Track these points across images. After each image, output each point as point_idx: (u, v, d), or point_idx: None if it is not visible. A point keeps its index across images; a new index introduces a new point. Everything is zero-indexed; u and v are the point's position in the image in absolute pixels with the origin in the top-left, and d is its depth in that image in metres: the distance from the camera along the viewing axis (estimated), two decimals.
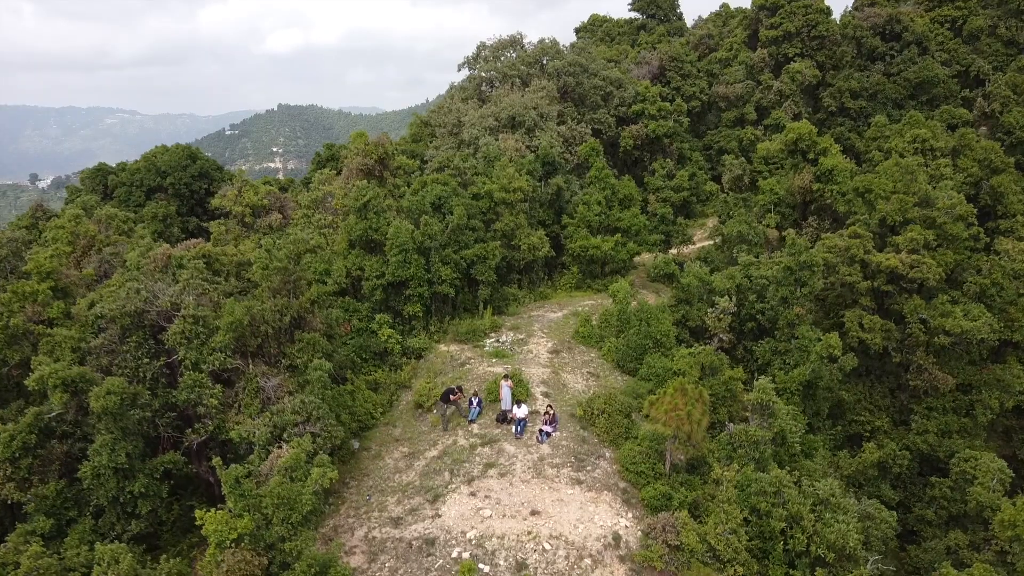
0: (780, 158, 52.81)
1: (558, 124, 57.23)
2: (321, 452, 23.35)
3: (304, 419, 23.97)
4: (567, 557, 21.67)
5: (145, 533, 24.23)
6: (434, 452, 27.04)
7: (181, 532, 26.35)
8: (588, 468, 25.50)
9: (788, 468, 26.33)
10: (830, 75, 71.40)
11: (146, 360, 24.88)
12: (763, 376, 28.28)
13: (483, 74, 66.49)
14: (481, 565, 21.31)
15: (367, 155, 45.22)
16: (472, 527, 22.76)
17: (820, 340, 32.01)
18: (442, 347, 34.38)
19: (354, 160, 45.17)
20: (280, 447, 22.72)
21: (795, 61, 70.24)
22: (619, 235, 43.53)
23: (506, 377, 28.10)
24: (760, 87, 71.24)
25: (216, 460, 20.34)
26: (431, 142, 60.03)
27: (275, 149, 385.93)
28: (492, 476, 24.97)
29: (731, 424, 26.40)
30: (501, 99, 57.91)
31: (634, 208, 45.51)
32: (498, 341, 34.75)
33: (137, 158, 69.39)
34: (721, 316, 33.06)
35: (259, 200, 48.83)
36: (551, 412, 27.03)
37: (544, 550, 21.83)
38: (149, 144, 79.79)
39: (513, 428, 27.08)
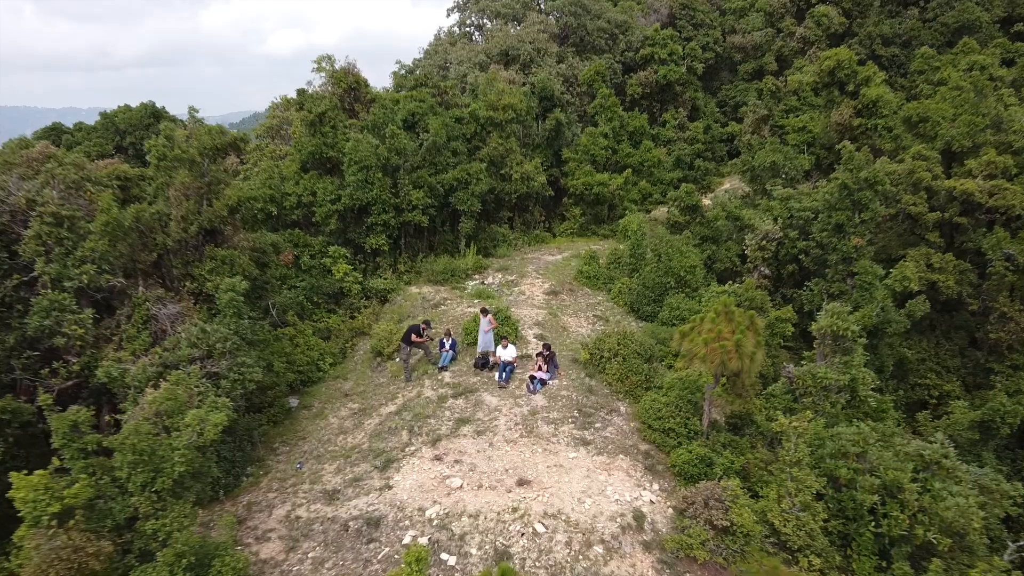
0: (809, 104, 46.19)
1: (557, 63, 50.68)
2: (224, 396, 16.70)
3: (204, 354, 17.31)
4: (569, 544, 15.00)
5: None
6: (391, 407, 20.39)
7: None
8: (597, 425, 18.83)
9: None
10: (856, 23, 64.80)
11: None
12: (831, 303, 21.53)
13: (474, 18, 60.04)
14: (444, 555, 14.64)
15: (336, 83, 38.45)
16: (434, 502, 16.11)
17: (888, 274, 25.34)
18: (413, 289, 27.71)
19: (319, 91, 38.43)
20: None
21: (819, 6, 63.57)
22: (629, 172, 36.85)
23: (484, 311, 21.43)
24: (781, 35, 64.54)
25: (44, 397, 13.71)
26: None
27: None
28: (466, 435, 18.32)
29: (790, 366, 19.70)
30: (493, 34, 51.38)
31: (646, 142, 38.81)
32: (483, 283, 28.08)
33: None
34: (764, 244, 26.33)
35: (213, 142, 41.98)
36: (548, 352, 20.37)
37: (536, 533, 15.16)
38: None
39: (496, 375, 20.42)
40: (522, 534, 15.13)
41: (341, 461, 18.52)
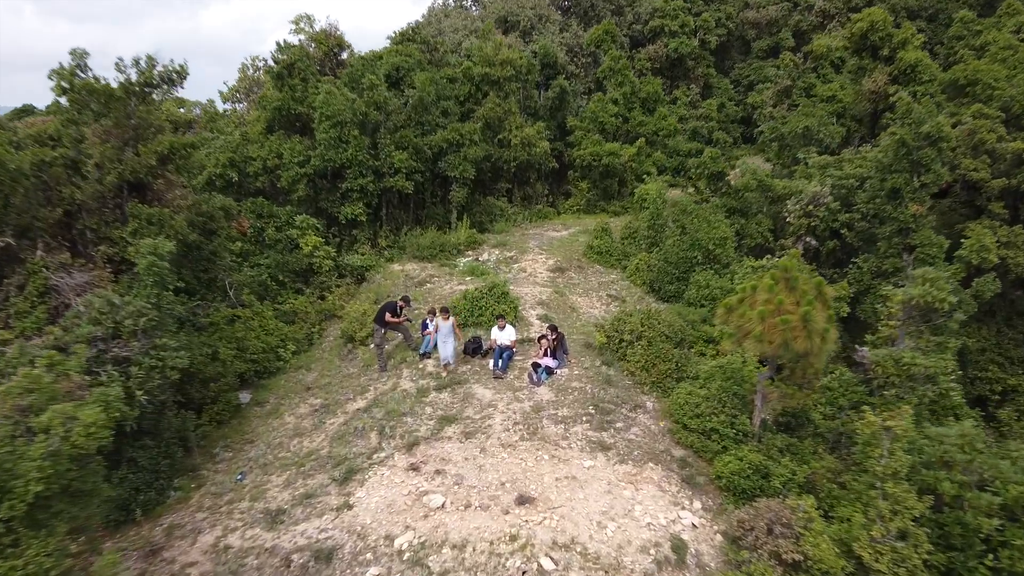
0: (827, 81, 42.28)
1: (560, 32, 46.74)
2: (137, 388, 12.79)
3: (109, 333, 13.35)
4: None
5: None
6: (360, 403, 16.42)
7: None
8: (618, 425, 14.84)
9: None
10: None
11: None
12: (923, 267, 17.60)
13: None
14: None
15: (317, 44, 34.47)
16: (407, 527, 12.12)
17: (960, 245, 21.42)
18: (395, 267, 23.73)
19: None
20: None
21: None
22: (642, 141, 32.89)
23: (444, 312, 16.42)
24: (798, 8, 60.55)
25: None
26: None
27: None
28: (451, 437, 14.34)
29: (864, 349, 15.70)
30: (491, 1, 47.43)
31: (661, 109, 34.85)
32: (476, 260, 24.11)
33: None
34: (810, 209, 22.33)
35: (142, 77, 37.42)
36: (554, 334, 16.38)
37: (542, 571, 11.18)
38: None
39: (491, 363, 16.44)
40: (524, 572, 11.16)
41: (293, 471, 14.57)
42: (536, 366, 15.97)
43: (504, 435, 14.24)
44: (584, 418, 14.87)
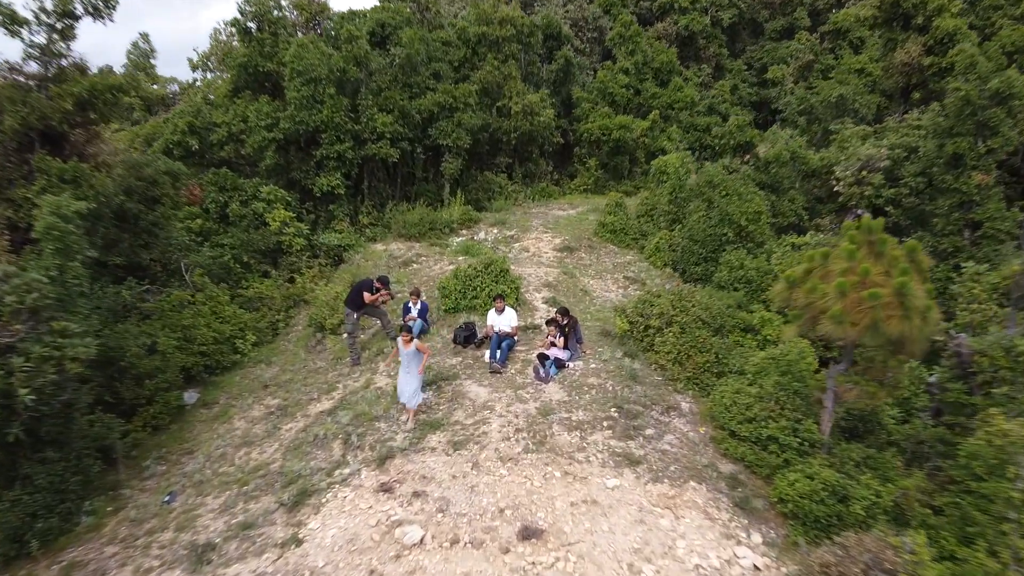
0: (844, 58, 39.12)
1: (563, 6, 43.65)
2: (14, 386, 9.69)
3: None
4: None
5: None
6: (325, 404, 13.29)
7: None
8: (648, 433, 11.68)
9: None
10: None
11: None
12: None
13: None
14: None
15: (299, 10, 31.35)
16: (372, 572, 8.98)
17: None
18: (378, 246, 20.59)
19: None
20: None
21: None
22: (656, 114, 29.75)
23: (406, 330, 12.03)
24: None
25: None
26: None
27: None
28: (436, 449, 11.19)
29: (961, 336, 12.56)
30: None
31: (676, 80, 31.72)
32: (472, 239, 20.97)
33: None
34: (864, 175, 19.19)
35: (63, 5, 34.49)
36: (566, 320, 13.20)
37: None
38: None
39: (487, 354, 13.29)
40: None
41: (233, 491, 11.44)
42: (543, 358, 12.82)
43: (503, 446, 11.08)
44: (605, 423, 11.71)
